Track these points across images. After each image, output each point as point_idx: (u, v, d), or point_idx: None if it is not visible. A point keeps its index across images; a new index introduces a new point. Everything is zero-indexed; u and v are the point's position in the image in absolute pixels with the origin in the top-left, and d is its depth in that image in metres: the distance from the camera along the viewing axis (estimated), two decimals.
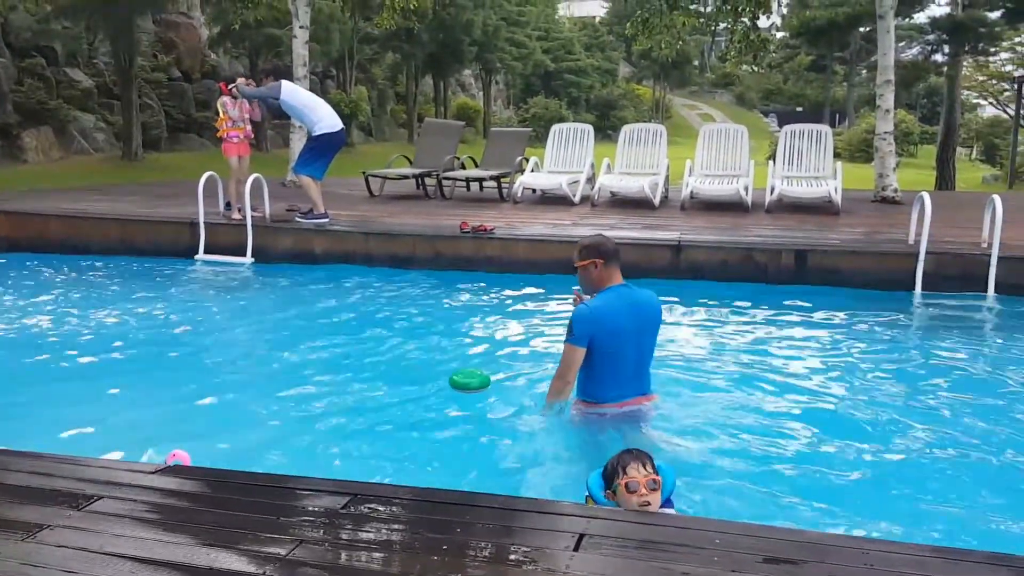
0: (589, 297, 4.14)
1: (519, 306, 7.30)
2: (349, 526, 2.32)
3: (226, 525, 2.29)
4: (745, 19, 14.01)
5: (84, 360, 5.54)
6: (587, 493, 2.89)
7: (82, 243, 9.34)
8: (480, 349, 5.91)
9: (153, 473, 2.64)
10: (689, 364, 5.49)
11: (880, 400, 4.86)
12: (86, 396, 4.82)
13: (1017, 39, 30.06)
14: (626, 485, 2.74)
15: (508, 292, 7.64)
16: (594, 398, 4.05)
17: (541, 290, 7.63)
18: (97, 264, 8.80)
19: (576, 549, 2.15)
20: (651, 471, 2.77)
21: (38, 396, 4.82)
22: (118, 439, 4.09)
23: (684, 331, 6.43)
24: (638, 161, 12.10)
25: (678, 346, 5.96)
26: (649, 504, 2.72)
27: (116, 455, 3.75)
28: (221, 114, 9.81)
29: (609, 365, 3.98)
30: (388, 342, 6.02)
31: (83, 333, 6.23)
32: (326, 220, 9.28)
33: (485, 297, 7.57)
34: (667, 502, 2.83)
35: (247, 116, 9.82)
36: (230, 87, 9.75)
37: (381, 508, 2.44)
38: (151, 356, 5.72)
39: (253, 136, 10.01)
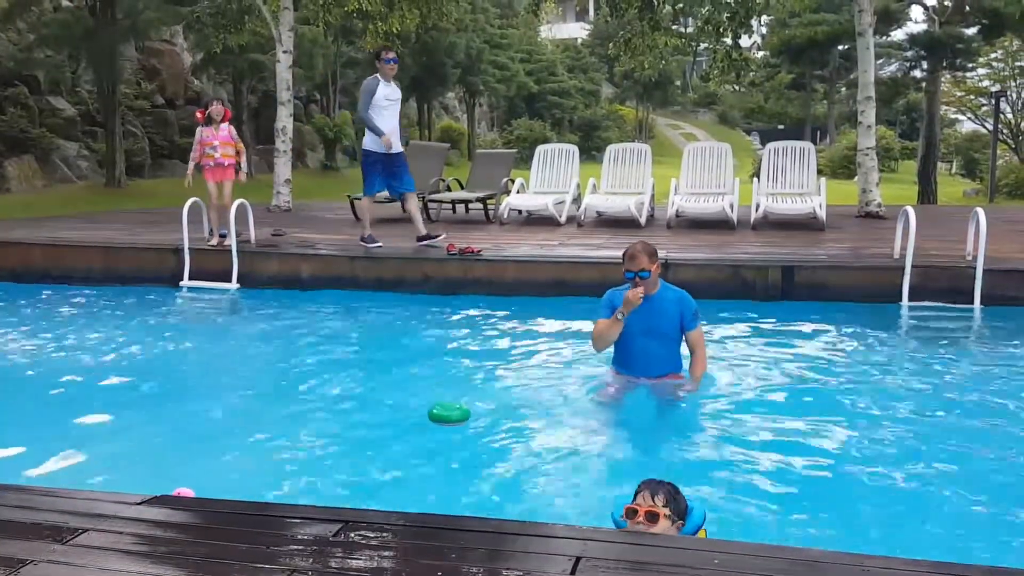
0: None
1: (507, 329, 7.27)
2: (341, 554, 2.27)
3: (215, 556, 2.24)
4: (727, 39, 14.14)
5: (68, 390, 5.46)
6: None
7: (66, 272, 9.26)
8: (469, 374, 5.86)
9: (139, 504, 2.59)
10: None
11: (872, 413, 4.85)
12: (69, 427, 4.75)
13: (993, 55, 30.47)
14: (628, 510, 2.78)
15: (496, 315, 7.60)
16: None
17: (529, 312, 7.61)
18: (81, 293, 8.71)
19: (573, 573, 2.11)
20: (658, 504, 2.76)
21: (19, 428, 4.73)
22: (103, 471, 4.02)
23: None
24: (623, 181, 12.14)
25: None
26: (644, 532, 2.70)
27: (101, 487, 3.69)
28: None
29: None
30: (375, 367, 5.98)
31: (66, 362, 6.15)
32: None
33: (473, 320, 7.53)
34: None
35: (216, 144, 9.50)
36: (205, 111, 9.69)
37: (373, 535, 2.40)
38: (135, 385, 5.65)
39: (227, 162, 9.59)
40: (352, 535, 2.38)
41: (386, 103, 8.78)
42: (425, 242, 9.14)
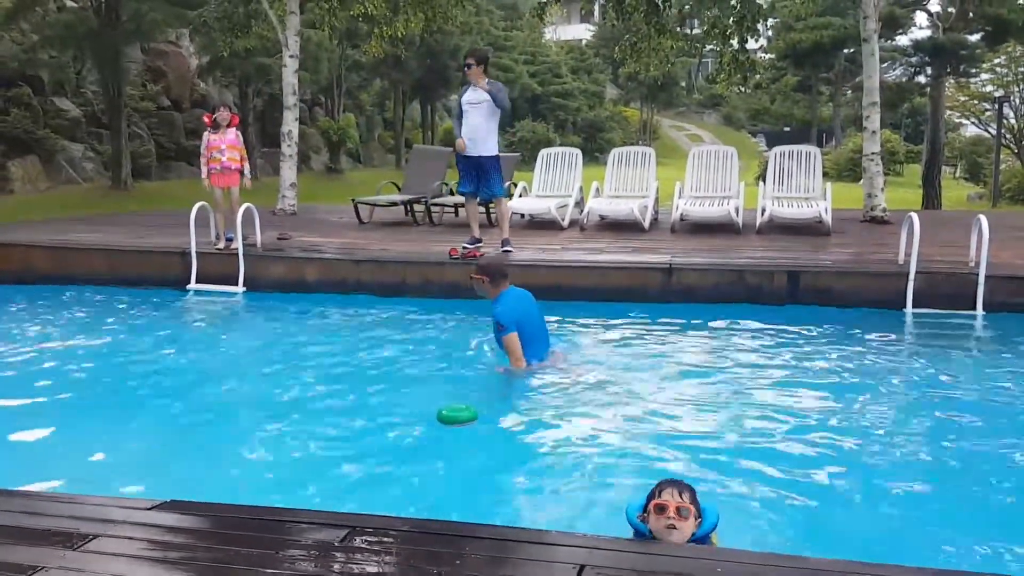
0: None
1: None
2: (347, 559, 2.30)
3: (224, 561, 2.27)
4: (734, 42, 14.12)
5: (74, 394, 5.49)
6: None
7: (73, 274, 9.29)
8: (473, 378, 5.90)
9: (149, 509, 2.62)
10: (683, 388, 5.50)
11: (874, 419, 4.87)
12: (76, 431, 4.78)
13: (996, 60, 30.45)
14: (656, 506, 2.76)
15: None
16: (530, 361, 5.75)
17: None
18: (88, 296, 8.75)
19: None
20: (685, 500, 2.76)
21: (26, 432, 4.76)
22: (110, 475, 4.05)
23: (677, 355, 6.43)
24: (627, 184, 12.13)
25: (673, 370, 5.96)
26: (675, 529, 2.69)
27: (109, 491, 3.71)
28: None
29: (529, 335, 5.75)
30: (379, 371, 6.00)
31: (73, 366, 6.18)
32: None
33: (475, 325, 7.55)
34: (704, 539, 2.78)
35: (223, 147, 9.49)
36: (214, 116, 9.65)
37: (378, 540, 2.42)
38: (142, 388, 5.69)
39: (233, 167, 9.55)
40: (358, 540, 2.40)
41: (467, 107, 8.83)
42: (508, 247, 9.08)
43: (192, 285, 8.98)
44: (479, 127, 8.75)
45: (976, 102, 32.73)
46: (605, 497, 3.75)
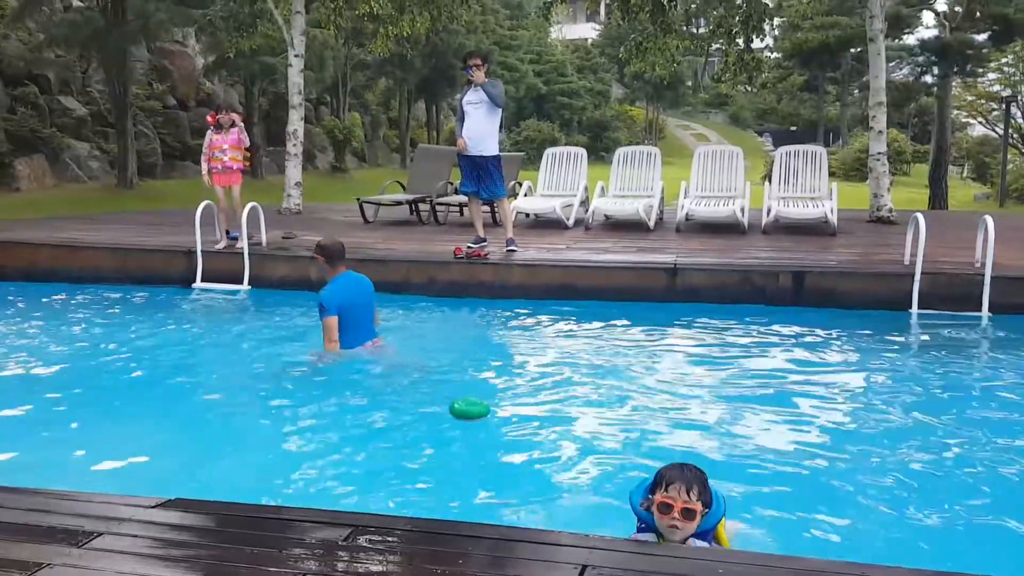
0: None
1: (514, 332, 7.30)
2: (350, 559, 2.31)
3: (228, 559, 2.28)
4: (739, 41, 14.12)
5: (80, 391, 5.51)
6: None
7: (79, 272, 9.31)
8: (475, 376, 5.90)
9: (154, 507, 2.63)
10: (687, 388, 5.50)
11: (878, 420, 4.86)
12: (79, 429, 4.79)
13: (1004, 60, 30.40)
14: (660, 504, 2.60)
15: (503, 318, 7.63)
16: (349, 345, 5.88)
17: (536, 315, 7.63)
18: (93, 294, 8.77)
19: None
20: (693, 499, 2.59)
21: (30, 430, 4.77)
22: (114, 473, 4.06)
23: (681, 355, 6.43)
24: (632, 183, 12.13)
25: (676, 370, 5.96)
26: (677, 529, 2.57)
27: (113, 489, 3.73)
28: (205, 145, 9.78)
29: (352, 322, 5.87)
30: (383, 369, 6.00)
31: (79, 364, 6.20)
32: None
33: (480, 323, 7.57)
34: (710, 531, 2.65)
35: (225, 147, 9.58)
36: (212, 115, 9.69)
37: (381, 540, 2.43)
38: (147, 386, 5.71)
39: (235, 166, 9.64)
40: (361, 539, 2.41)
41: (467, 107, 8.94)
42: (512, 247, 9.09)
43: (197, 284, 9.01)
44: (478, 127, 8.81)
45: (983, 102, 32.70)
46: (608, 497, 3.75)
